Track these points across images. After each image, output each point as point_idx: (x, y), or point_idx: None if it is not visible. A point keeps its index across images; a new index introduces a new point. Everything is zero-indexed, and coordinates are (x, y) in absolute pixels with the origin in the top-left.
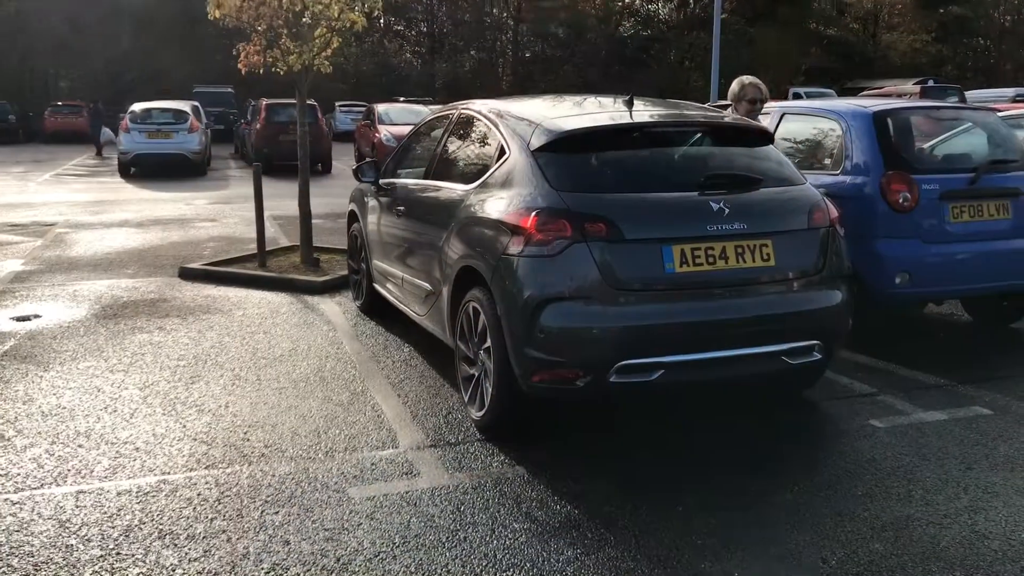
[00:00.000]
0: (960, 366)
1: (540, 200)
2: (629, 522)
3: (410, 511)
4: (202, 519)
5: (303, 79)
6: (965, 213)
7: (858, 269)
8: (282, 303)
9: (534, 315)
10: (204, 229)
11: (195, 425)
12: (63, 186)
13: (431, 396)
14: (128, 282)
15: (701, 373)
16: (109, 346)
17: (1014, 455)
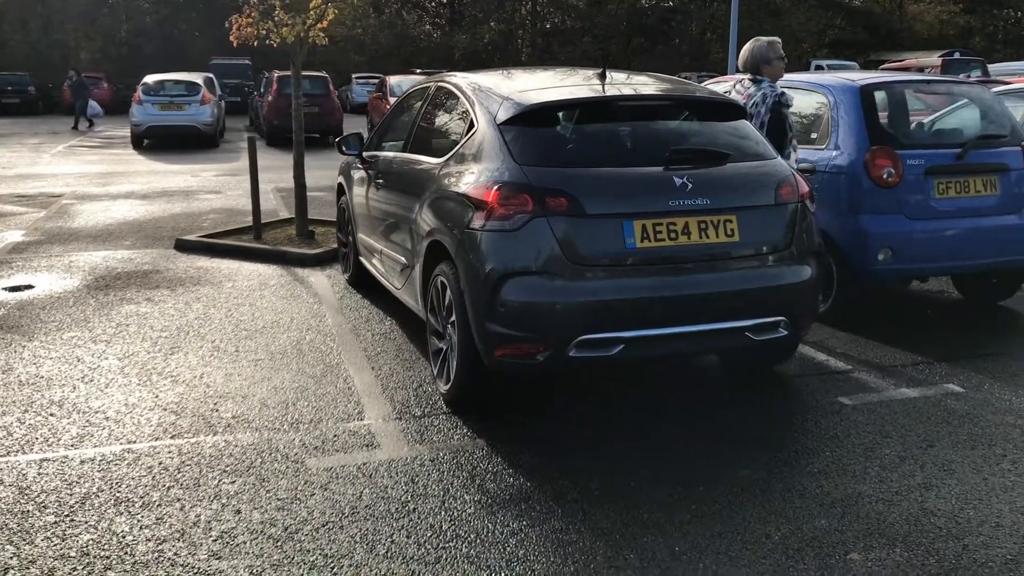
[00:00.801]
0: (941, 344)
1: (503, 174)
2: (579, 495)
3: (364, 482)
4: (159, 487)
5: (297, 51)
6: (951, 189)
7: (841, 245)
8: (272, 275)
9: (495, 289)
10: (207, 201)
11: (167, 395)
12: (75, 158)
13: (405, 369)
14: (124, 253)
15: (662, 348)
16: (96, 317)
17: (978, 433)
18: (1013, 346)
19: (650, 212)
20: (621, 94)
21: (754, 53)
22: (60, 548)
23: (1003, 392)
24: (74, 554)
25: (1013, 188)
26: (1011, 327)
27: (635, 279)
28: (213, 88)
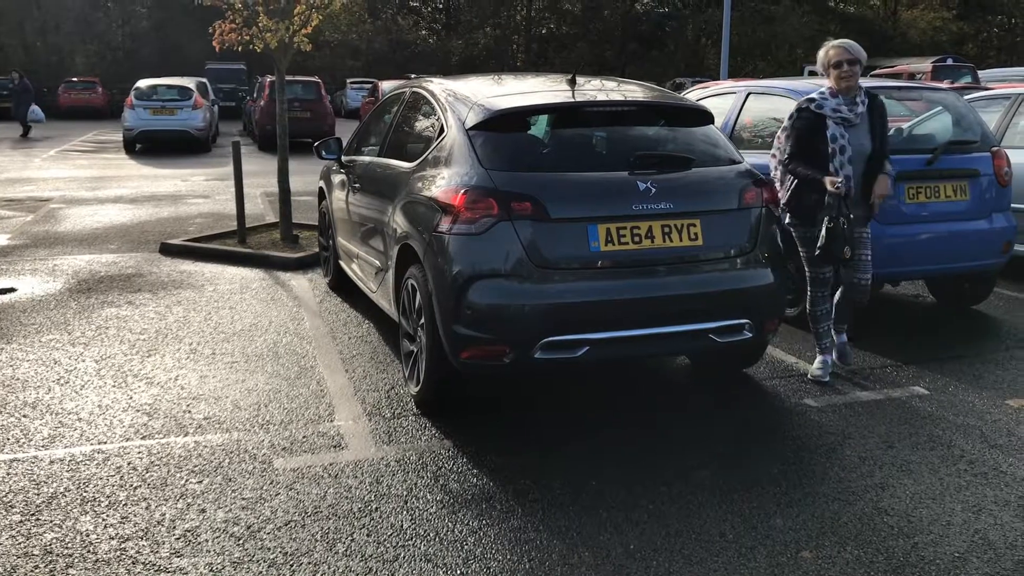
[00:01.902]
0: (910, 347)
1: (470, 179)
2: (540, 495)
3: (330, 482)
4: (126, 487)
5: (282, 57)
6: (922, 194)
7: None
8: (254, 279)
9: (461, 292)
10: (195, 205)
11: (141, 397)
12: (67, 162)
13: (378, 372)
14: (109, 257)
15: (627, 350)
16: (76, 320)
17: (938, 434)
18: (981, 349)
19: (614, 216)
20: (587, 100)
21: (818, 56)
22: (24, 546)
23: (966, 394)
24: (37, 552)
25: (983, 193)
26: (980, 330)
27: (599, 282)
28: (206, 93)
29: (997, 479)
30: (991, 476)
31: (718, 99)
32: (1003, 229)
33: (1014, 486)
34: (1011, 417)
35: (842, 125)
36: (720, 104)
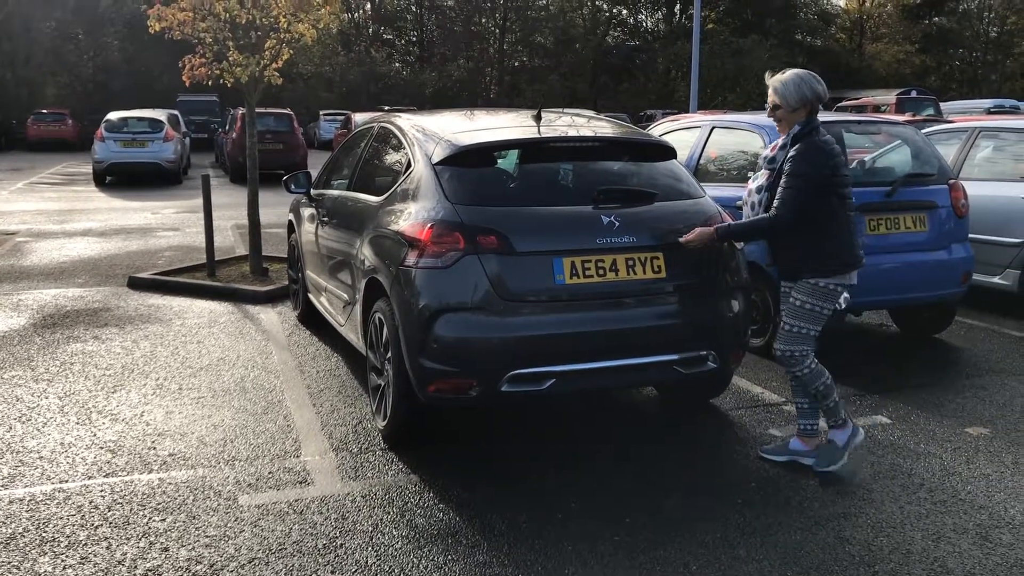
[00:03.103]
0: (874, 376)
1: (437, 213)
2: (507, 528)
3: (295, 519)
4: (88, 526)
5: (252, 90)
6: (882, 225)
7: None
8: (223, 312)
9: (428, 325)
10: (165, 238)
11: (105, 434)
12: (35, 194)
13: (346, 406)
14: (76, 291)
15: (592, 382)
16: (40, 355)
17: (899, 463)
18: (942, 378)
19: (579, 249)
20: (552, 136)
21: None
22: None
23: (928, 423)
24: None
25: (941, 225)
26: (943, 359)
27: (565, 314)
28: (178, 125)
29: (956, 507)
30: (950, 504)
31: (684, 132)
32: (962, 260)
33: (972, 513)
34: (970, 445)
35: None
36: (686, 137)
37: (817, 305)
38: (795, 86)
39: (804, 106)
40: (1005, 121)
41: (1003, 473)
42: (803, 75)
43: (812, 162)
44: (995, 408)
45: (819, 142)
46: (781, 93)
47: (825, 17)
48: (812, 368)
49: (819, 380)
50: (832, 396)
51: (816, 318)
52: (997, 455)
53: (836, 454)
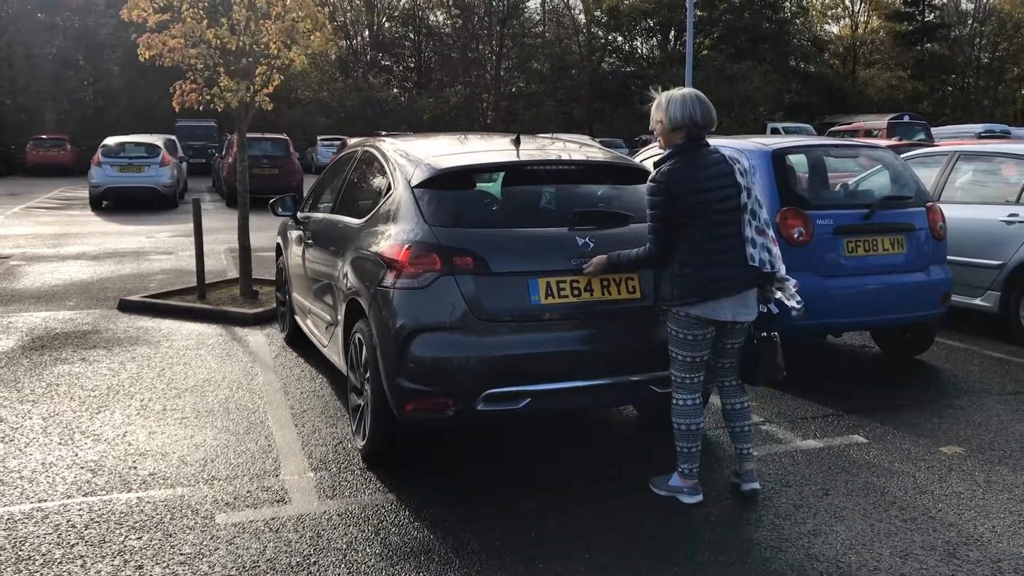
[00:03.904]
0: (853, 397)
1: (414, 234)
2: (479, 546)
3: (270, 536)
4: (64, 545)
5: (243, 116)
6: (860, 248)
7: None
8: (211, 334)
9: (405, 345)
10: (158, 262)
11: (87, 454)
12: (31, 219)
13: (328, 426)
14: (66, 314)
15: (568, 401)
16: (27, 377)
17: (873, 481)
18: (920, 398)
19: (554, 270)
20: (529, 159)
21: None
22: None
23: (903, 442)
24: None
25: (919, 247)
26: (921, 380)
27: (540, 334)
28: (175, 150)
29: (926, 524)
30: (920, 521)
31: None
32: (940, 281)
33: (941, 531)
34: (944, 464)
35: None
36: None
37: (675, 329)
38: (679, 105)
39: (682, 128)
40: (984, 145)
41: (975, 491)
42: (691, 96)
43: (659, 191)
44: (971, 428)
45: (671, 168)
46: (664, 108)
47: (818, 43)
48: (682, 403)
49: (682, 418)
50: (686, 444)
51: (679, 342)
52: (970, 474)
53: (668, 485)
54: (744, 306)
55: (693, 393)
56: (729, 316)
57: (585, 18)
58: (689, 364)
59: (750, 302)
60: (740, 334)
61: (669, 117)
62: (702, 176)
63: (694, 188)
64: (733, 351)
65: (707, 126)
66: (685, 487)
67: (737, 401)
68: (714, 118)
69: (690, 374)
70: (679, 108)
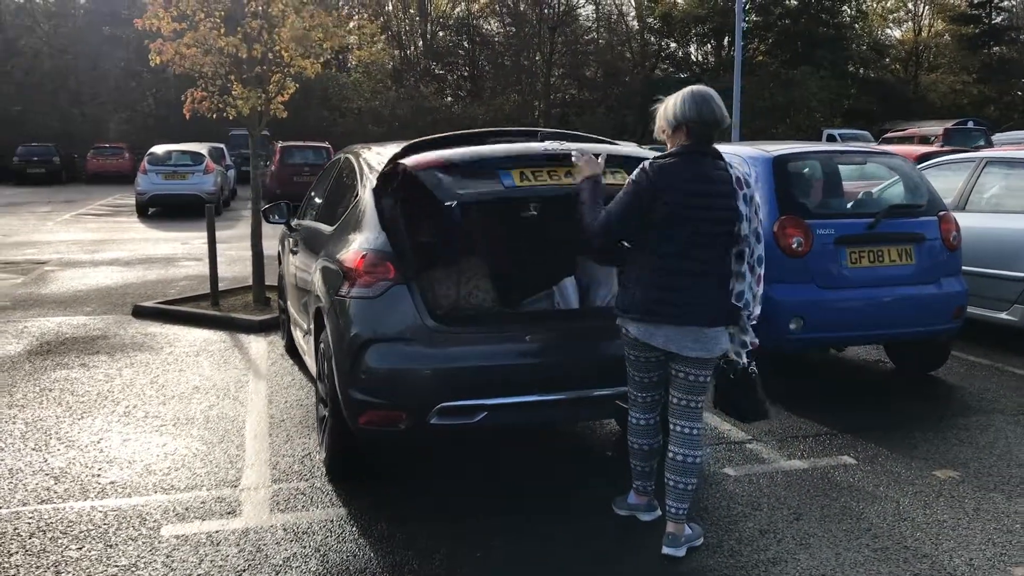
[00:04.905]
0: (851, 415)
1: (370, 242)
2: (418, 566)
3: (209, 550)
4: (6, 553)
5: (254, 122)
6: (864, 258)
7: None
8: (215, 341)
9: (358, 355)
10: (185, 268)
11: (56, 460)
12: (78, 225)
13: (301, 437)
14: (81, 319)
15: (526, 416)
16: (24, 382)
17: (851, 505)
18: (924, 417)
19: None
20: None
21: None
22: None
23: (894, 465)
24: None
25: (930, 257)
26: (930, 397)
27: (497, 345)
28: (221, 158)
29: (897, 554)
30: (892, 551)
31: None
32: (953, 294)
33: (912, 562)
34: (934, 489)
35: None
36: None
37: (624, 343)
38: (679, 102)
39: (682, 125)
40: (1012, 152)
41: (959, 520)
42: (689, 94)
43: (640, 180)
44: (973, 450)
45: (663, 164)
46: (661, 110)
47: (878, 48)
48: (634, 421)
49: (634, 437)
50: (639, 463)
51: (626, 358)
52: (959, 500)
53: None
54: (695, 340)
55: (646, 413)
56: (671, 347)
57: (638, 24)
58: (637, 383)
59: (705, 337)
60: (697, 365)
61: (670, 116)
62: (695, 187)
63: (680, 196)
64: (688, 384)
65: (711, 124)
66: (641, 503)
67: (683, 453)
68: (719, 116)
69: (641, 392)
70: (679, 105)
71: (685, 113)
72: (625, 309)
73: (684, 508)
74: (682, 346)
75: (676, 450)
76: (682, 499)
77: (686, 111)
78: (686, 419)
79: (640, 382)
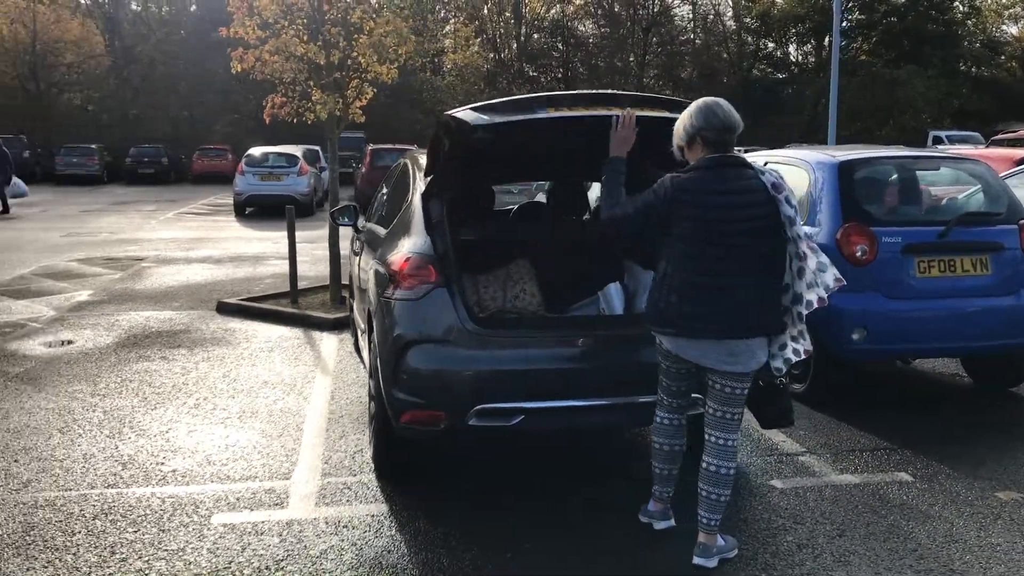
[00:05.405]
0: (914, 429)
1: (415, 245)
2: (448, 564)
3: (252, 539)
4: (67, 533)
5: (332, 127)
6: (934, 268)
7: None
8: (290, 338)
9: (400, 356)
10: (273, 266)
11: (126, 448)
12: (178, 224)
13: (356, 433)
14: (168, 314)
15: (565, 420)
16: (107, 372)
17: (900, 524)
18: (994, 434)
19: None
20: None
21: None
22: None
23: (953, 484)
24: None
25: (1009, 268)
26: (1006, 415)
27: (536, 349)
28: (316, 160)
29: None
30: (935, 573)
31: None
32: None
33: None
34: (993, 511)
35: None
36: None
37: (658, 356)
38: (683, 119)
39: (693, 137)
40: None
41: (1015, 544)
42: (694, 106)
43: (659, 191)
44: None
45: (684, 179)
46: (675, 129)
47: (993, 46)
48: (658, 420)
49: (658, 437)
50: (660, 464)
51: (659, 368)
52: (1019, 524)
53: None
54: (729, 354)
55: (672, 414)
56: (705, 363)
57: (735, 24)
58: (666, 388)
59: (739, 351)
60: (732, 378)
61: (681, 132)
62: (720, 200)
63: (703, 210)
64: (724, 396)
65: (722, 129)
66: (656, 511)
67: (716, 463)
68: (728, 121)
69: (668, 397)
70: (687, 119)
71: (694, 124)
72: (655, 322)
73: (716, 519)
74: (716, 360)
75: (710, 460)
76: (714, 510)
77: (694, 122)
78: (721, 430)
79: (668, 388)
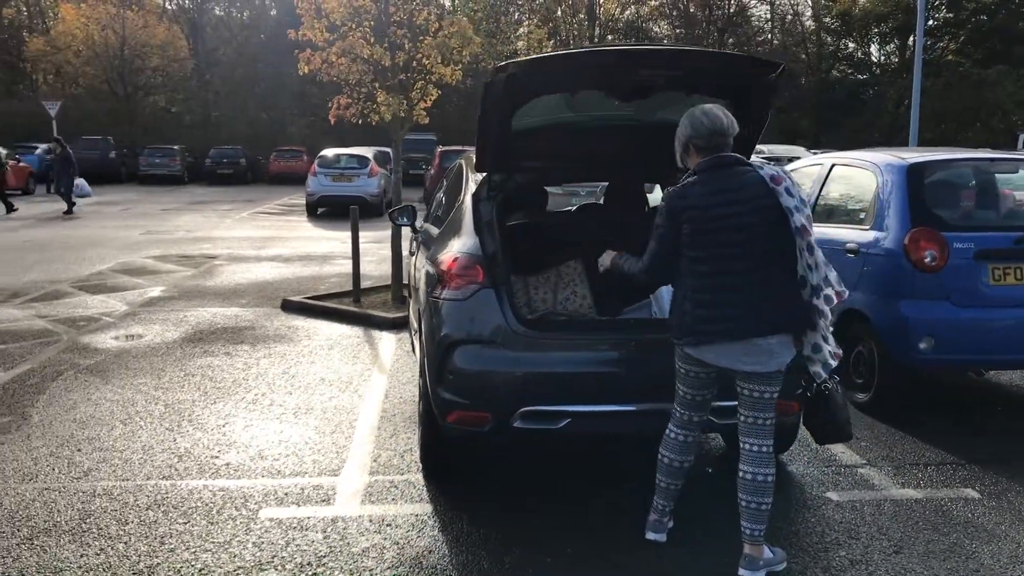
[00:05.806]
0: (984, 444)
1: (464, 245)
2: (489, 567)
3: (297, 535)
4: (121, 522)
5: (396, 128)
6: (1010, 275)
7: (882, 331)
8: (350, 336)
9: (446, 356)
10: (339, 266)
11: (183, 441)
12: (253, 223)
13: (407, 431)
14: (234, 310)
15: (612, 425)
16: (172, 366)
17: (963, 543)
18: None
19: None
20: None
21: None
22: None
23: (1023, 502)
24: (13, 573)
25: None
26: None
27: (583, 352)
28: (386, 162)
29: None
30: None
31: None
32: None
33: None
34: None
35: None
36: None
37: (676, 362)
38: (677, 132)
39: (686, 146)
40: None
41: None
42: (685, 115)
43: (662, 211)
44: None
45: (681, 188)
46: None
47: None
48: (666, 433)
49: (663, 450)
50: (662, 478)
51: (676, 372)
52: None
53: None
54: (746, 354)
55: (684, 429)
56: (723, 363)
57: (814, 24)
58: (681, 398)
59: (758, 350)
60: (757, 381)
61: (677, 144)
62: (717, 200)
63: (700, 212)
64: (752, 401)
65: (711, 133)
66: (651, 520)
67: (753, 471)
68: (717, 125)
69: (683, 409)
70: (680, 130)
71: (684, 133)
72: (676, 333)
73: (759, 529)
74: (734, 361)
75: (747, 469)
76: (757, 519)
77: (684, 131)
78: (754, 436)
79: (684, 398)
